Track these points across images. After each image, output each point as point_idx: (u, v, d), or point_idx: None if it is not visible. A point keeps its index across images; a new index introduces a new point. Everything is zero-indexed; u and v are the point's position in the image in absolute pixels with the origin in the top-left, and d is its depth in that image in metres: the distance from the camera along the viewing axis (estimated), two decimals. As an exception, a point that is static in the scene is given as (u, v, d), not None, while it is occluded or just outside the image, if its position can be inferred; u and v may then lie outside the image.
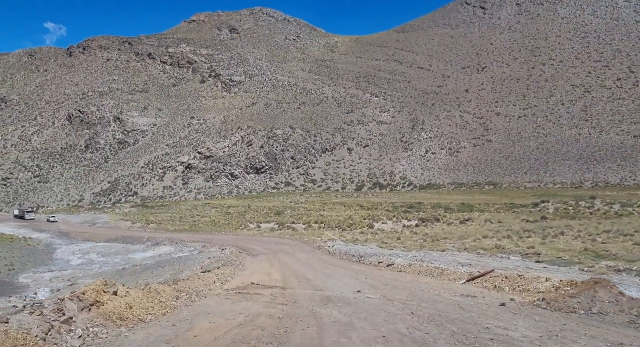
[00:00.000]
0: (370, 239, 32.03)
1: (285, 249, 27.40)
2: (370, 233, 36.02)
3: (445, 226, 38.02)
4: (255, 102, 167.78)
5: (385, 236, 33.49)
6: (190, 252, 32.83)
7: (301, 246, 29.50)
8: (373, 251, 25.88)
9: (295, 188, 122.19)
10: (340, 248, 27.34)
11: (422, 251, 24.59)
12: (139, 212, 79.91)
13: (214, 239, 39.06)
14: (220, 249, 29.40)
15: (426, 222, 39.72)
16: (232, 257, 22.03)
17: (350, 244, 30.22)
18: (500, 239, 26.25)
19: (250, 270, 17.28)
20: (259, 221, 54.46)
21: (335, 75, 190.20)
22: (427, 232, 33.55)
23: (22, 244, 40.95)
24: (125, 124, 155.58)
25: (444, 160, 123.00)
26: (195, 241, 38.28)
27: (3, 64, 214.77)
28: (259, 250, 27.47)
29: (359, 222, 42.59)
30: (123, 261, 33.11)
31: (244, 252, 26.25)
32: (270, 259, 21.99)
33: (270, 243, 32.26)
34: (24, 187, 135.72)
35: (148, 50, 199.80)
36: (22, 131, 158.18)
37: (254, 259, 21.91)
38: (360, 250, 26.56)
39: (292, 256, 23.80)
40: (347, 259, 22.56)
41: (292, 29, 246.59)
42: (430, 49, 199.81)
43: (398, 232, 35.68)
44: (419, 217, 42.59)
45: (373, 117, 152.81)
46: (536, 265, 16.91)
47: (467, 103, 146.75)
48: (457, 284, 14.73)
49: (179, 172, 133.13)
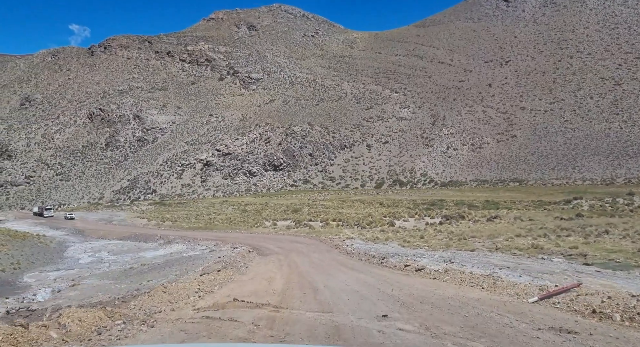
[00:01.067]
0: (392, 238, 29.95)
1: (299, 248, 25.55)
2: (391, 231, 33.91)
3: (472, 224, 35.64)
4: (274, 99, 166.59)
5: (407, 234, 31.35)
6: (202, 250, 31.34)
7: (317, 245, 27.62)
8: (395, 251, 23.83)
9: (313, 186, 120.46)
10: (360, 247, 25.36)
11: (449, 250, 22.43)
12: (156, 210, 79.32)
13: (227, 237, 37.53)
14: (232, 248, 27.75)
15: (450, 220, 37.38)
16: (238, 258, 20.12)
17: (370, 243, 28.22)
18: (536, 238, 23.86)
19: (252, 274, 15.41)
20: (275, 218, 52.84)
21: (354, 72, 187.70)
22: (453, 230, 31.27)
23: (35, 241, 40.16)
24: (144, 122, 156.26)
25: (466, 156, 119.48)
26: (209, 239, 36.83)
27: (28, 64, 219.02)
28: (271, 249, 25.70)
29: (379, 219, 40.49)
30: (133, 260, 31.81)
31: (255, 251, 24.53)
32: (280, 259, 20.09)
33: (285, 242, 30.48)
34: (46, 185, 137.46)
35: (167, 49, 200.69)
36: (45, 130, 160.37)
37: (262, 260, 20.06)
38: (381, 249, 24.54)
39: (305, 256, 21.85)
40: (366, 260, 20.17)
41: (310, 26, 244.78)
42: (452, 44, 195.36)
43: (421, 230, 33.49)
44: (442, 215, 40.25)
45: (393, 113, 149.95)
46: (586, 268, 14.60)
47: (490, 98, 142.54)
48: (526, 303, 10.51)
49: (197, 169, 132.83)
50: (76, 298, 19.71)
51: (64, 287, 22.27)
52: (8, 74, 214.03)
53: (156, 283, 20.43)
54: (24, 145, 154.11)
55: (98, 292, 20.33)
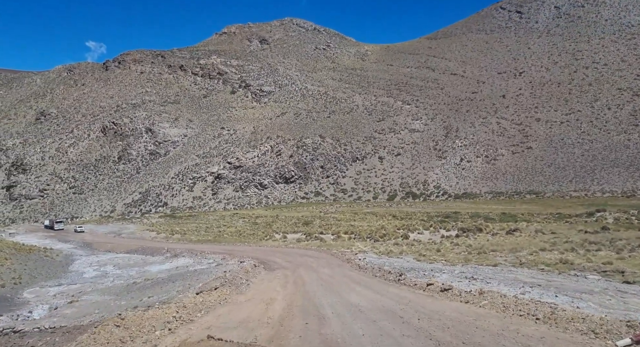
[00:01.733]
0: (406, 251, 28.45)
1: (308, 263, 24.18)
2: (406, 244, 32.40)
3: (490, 237, 33.96)
4: (285, 112, 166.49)
5: (422, 247, 29.82)
6: (208, 265, 30.17)
7: (328, 259, 26.22)
8: (411, 265, 22.37)
9: (325, 198, 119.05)
10: (373, 261, 23.93)
11: (469, 265, 20.92)
12: (166, 223, 78.57)
13: (235, 250, 36.33)
14: (239, 262, 26.49)
15: (467, 233, 35.71)
16: (240, 274, 18.64)
17: (384, 257, 26.77)
18: (563, 252, 22.21)
19: (251, 293, 13.94)
20: (285, 231, 51.57)
21: (366, 84, 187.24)
22: (471, 243, 29.65)
23: (41, 255, 39.40)
24: (156, 135, 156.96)
25: (481, 168, 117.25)
26: (216, 252, 35.66)
27: (44, 80, 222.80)
28: (279, 263, 24.38)
29: (393, 232, 38.95)
30: (138, 274, 30.76)
31: (261, 265, 23.22)
32: (287, 275, 18.69)
33: (294, 255, 29.14)
34: (59, 199, 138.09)
35: (180, 63, 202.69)
36: (59, 143, 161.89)
37: (267, 275, 18.67)
38: (396, 263, 23.09)
39: (314, 271, 20.41)
40: (382, 276, 18.29)
41: (322, 39, 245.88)
42: (464, 55, 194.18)
43: (437, 243, 31.92)
44: (458, 227, 38.57)
45: (405, 125, 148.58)
46: (629, 287, 13.02)
47: (504, 109, 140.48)
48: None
49: (208, 182, 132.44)
50: (71, 316, 18.60)
51: (62, 304, 21.22)
52: (25, 89, 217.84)
53: (155, 300, 19.25)
54: (39, 159, 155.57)
55: (95, 309, 19.21)
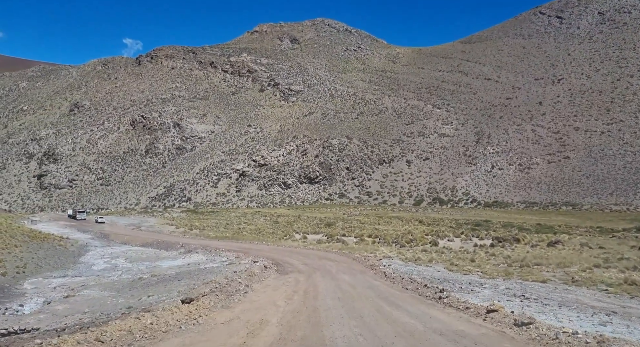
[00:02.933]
0: (436, 259, 25.76)
1: (327, 267, 21.82)
2: (435, 252, 29.68)
3: (529, 249, 30.86)
4: (313, 112, 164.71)
5: (454, 256, 27.06)
6: (220, 263, 28.22)
7: (349, 264, 23.79)
8: (442, 275, 19.76)
9: (349, 200, 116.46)
10: (399, 269, 21.40)
11: (512, 280, 18.17)
12: (187, 218, 77.60)
13: (252, 249, 34.32)
14: (252, 262, 24.36)
15: (503, 243, 32.67)
16: (240, 277, 15.91)
17: (411, 264, 24.19)
18: (624, 270, 19.18)
19: (239, 309, 10.75)
20: (306, 231, 49.39)
21: (395, 86, 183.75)
22: (509, 254, 26.71)
23: (54, 244, 38.32)
24: (184, 130, 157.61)
25: (513, 176, 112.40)
26: (232, 250, 33.73)
27: (80, 73, 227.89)
28: (294, 265, 22.11)
29: (421, 238, 36.20)
30: (147, 269, 29.07)
31: (274, 267, 20.99)
32: (298, 281, 16.22)
33: (313, 257, 26.83)
34: (87, 189, 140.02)
35: (211, 60, 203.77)
36: (90, 135, 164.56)
37: (274, 281, 16.17)
38: (426, 273, 20.51)
39: (332, 278, 17.70)
40: (414, 290, 14.47)
41: (353, 40, 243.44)
42: (499, 60, 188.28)
43: (470, 252, 29.07)
44: (493, 236, 35.50)
45: (435, 129, 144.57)
46: None
47: (540, 116, 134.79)
48: None
49: (233, 179, 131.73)
50: (62, 313, 16.79)
51: (58, 299, 19.51)
52: (61, 81, 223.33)
53: (157, 299, 17.31)
54: (70, 149, 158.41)
55: (88, 307, 17.38)
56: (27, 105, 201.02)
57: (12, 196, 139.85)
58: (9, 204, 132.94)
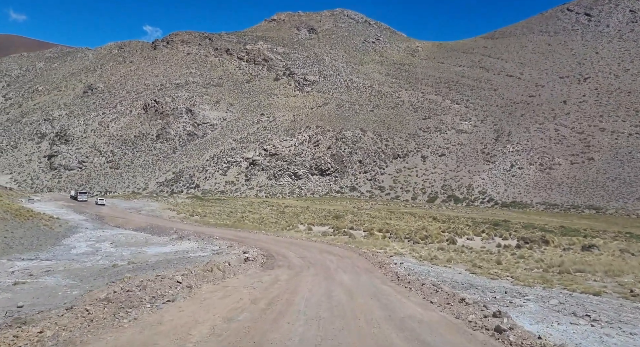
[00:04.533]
0: (455, 259, 22.22)
1: (326, 262, 18.46)
2: (453, 250, 26.11)
3: (561, 252, 27.09)
4: (327, 103, 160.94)
5: (476, 256, 23.45)
6: (211, 251, 25.13)
7: (353, 260, 20.40)
8: (466, 279, 16.28)
9: (360, 194, 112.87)
10: (413, 268, 17.97)
11: (555, 289, 14.61)
12: (191, 204, 74.95)
13: (248, 238, 31.16)
14: (242, 252, 21.12)
15: (531, 244, 28.93)
16: (201, 272, 12.74)
17: (427, 263, 20.75)
18: (695, 284, 15.48)
19: (135, 329, 6.58)
20: (312, 222, 46.11)
21: (413, 80, 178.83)
22: (541, 257, 23.04)
23: (39, 223, 35.64)
24: (196, 116, 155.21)
25: (533, 177, 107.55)
26: (227, 238, 30.66)
27: (96, 55, 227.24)
28: (288, 258, 18.82)
29: (437, 234, 32.61)
30: (130, 255, 26.12)
31: (261, 259, 17.72)
32: (277, 281, 12.51)
33: (313, 250, 23.49)
34: (96, 172, 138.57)
35: (226, 46, 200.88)
36: (102, 117, 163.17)
37: (246, 279, 12.60)
38: (445, 275, 17.03)
39: (327, 277, 13.99)
40: (443, 305, 10.40)
41: (372, 32, 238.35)
42: (523, 57, 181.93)
43: (494, 253, 25.45)
44: (519, 237, 31.75)
45: (452, 125, 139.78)
46: None
47: (564, 116, 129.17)
48: None
49: (242, 168, 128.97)
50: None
51: (4, 286, 16.46)
52: (77, 63, 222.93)
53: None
54: (81, 131, 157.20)
55: (32, 298, 14.29)
56: (42, 86, 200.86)
57: (22, 175, 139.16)
58: (18, 183, 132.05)
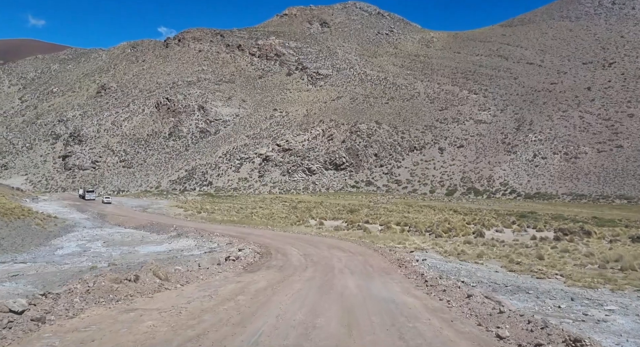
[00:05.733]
0: (487, 254, 18.88)
1: (332, 261, 15.36)
2: (482, 244, 22.74)
3: (607, 244, 23.46)
4: (341, 96, 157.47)
5: (511, 250, 20.09)
6: (209, 249, 22.33)
7: (367, 257, 17.26)
8: (506, 279, 13.03)
9: (376, 188, 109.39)
10: (440, 266, 14.78)
11: (629, 291, 11.24)
12: (200, 201, 72.67)
13: (252, 234, 28.29)
14: (238, 250, 18.19)
15: (571, 236, 25.34)
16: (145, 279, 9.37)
17: (453, 260, 17.52)
18: None
19: None
20: (324, 217, 43.05)
21: (429, 71, 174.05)
22: (589, 251, 19.51)
23: (31, 223, 33.36)
24: (208, 113, 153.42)
25: (558, 166, 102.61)
26: (227, 235, 27.84)
27: (109, 56, 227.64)
28: (288, 256, 15.81)
29: (461, 227, 29.21)
30: (119, 255, 23.51)
31: (249, 258, 14.69)
32: (249, 290, 8.96)
33: (321, 246, 20.41)
34: (109, 171, 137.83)
35: (238, 43, 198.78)
36: (115, 117, 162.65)
37: (202, 289, 9.00)
38: (480, 274, 13.79)
39: (326, 284, 10.24)
40: (518, 341, 6.83)
41: (385, 24, 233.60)
42: (543, 44, 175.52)
43: (530, 246, 21.98)
44: (556, 228, 28.15)
45: (470, 115, 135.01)
46: None
47: (589, 102, 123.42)
48: None
49: (255, 164, 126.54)
50: None
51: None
52: (91, 64, 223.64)
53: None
54: (95, 131, 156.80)
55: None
56: (57, 87, 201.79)
57: (36, 176, 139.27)
58: (33, 184, 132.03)
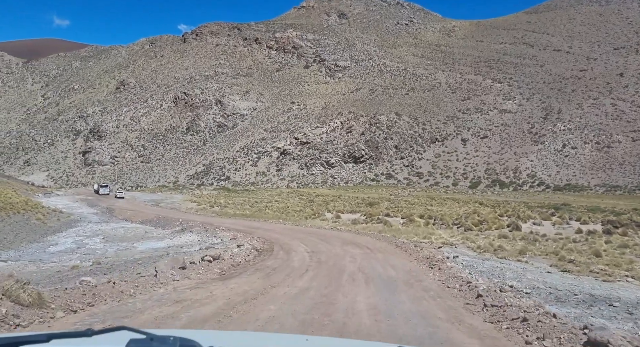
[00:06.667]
0: (532, 250, 15.85)
1: (345, 260, 12.67)
2: (521, 238, 19.69)
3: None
4: (360, 88, 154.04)
5: (558, 246, 17.01)
6: (210, 244, 19.99)
7: (387, 254, 14.51)
8: (566, 283, 10.20)
9: (397, 181, 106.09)
10: (477, 265, 11.97)
11: None
12: (216, 195, 70.88)
13: (260, 228, 25.88)
14: (237, 246, 15.70)
15: (623, 229, 22.05)
16: None
17: (491, 257, 14.70)
18: None
19: None
20: (341, 210, 40.38)
21: (450, 61, 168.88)
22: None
23: (31, 217, 31.71)
24: (226, 107, 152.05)
25: (589, 156, 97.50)
26: (235, 229, 25.45)
27: (129, 52, 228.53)
28: (290, 254, 13.24)
29: (493, 219, 26.11)
30: (115, 252, 21.45)
31: (240, 256, 12.14)
32: (189, 321, 5.93)
33: (334, 242, 17.76)
34: (128, 167, 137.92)
35: (255, 36, 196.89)
36: (133, 112, 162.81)
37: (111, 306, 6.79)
38: (531, 276, 10.96)
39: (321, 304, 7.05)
40: None
41: (405, 14, 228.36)
42: (571, 30, 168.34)
43: (578, 241, 18.83)
44: (603, 220, 24.85)
45: (494, 105, 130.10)
46: None
47: (621, 89, 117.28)
48: None
49: (273, 158, 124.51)
50: None
51: None
52: (111, 60, 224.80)
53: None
54: (114, 126, 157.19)
55: None
56: (78, 84, 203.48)
57: (57, 172, 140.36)
58: (54, 180, 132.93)
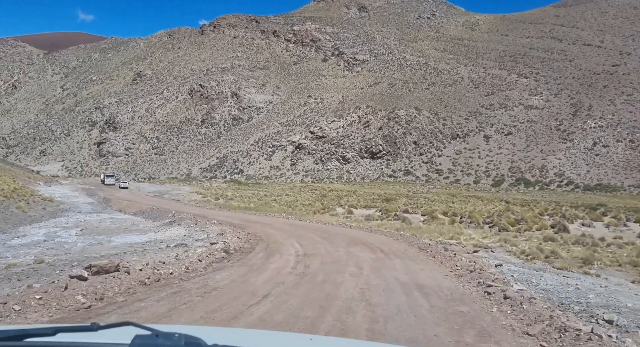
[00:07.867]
0: (600, 260, 11.81)
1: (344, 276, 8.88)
2: (574, 242, 15.69)
3: None
4: (379, 82, 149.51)
5: (631, 254, 12.99)
6: (196, 240, 16.62)
7: (408, 262, 10.81)
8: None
9: (415, 178, 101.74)
10: (534, 279, 8.19)
11: None
12: (226, 188, 67.91)
13: (258, 223, 22.47)
14: (210, 244, 12.21)
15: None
16: None
17: (545, 267, 11.01)
18: None
19: None
20: (354, 205, 36.68)
21: (473, 55, 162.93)
22: None
23: (12, 205, 28.86)
24: (242, 100, 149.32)
25: (622, 155, 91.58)
26: (229, 223, 22.07)
27: (147, 44, 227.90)
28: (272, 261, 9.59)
29: (532, 218, 22.05)
30: (85, 247, 18.26)
31: (202, 261, 8.65)
32: None
33: (339, 242, 14.14)
34: (142, 158, 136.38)
35: (273, 28, 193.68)
36: (149, 104, 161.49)
37: None
38: (630, 303, 6.86)
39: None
40: None
41: (427, 7, 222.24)
42: (603, 23, 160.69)
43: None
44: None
45: (520, 100, 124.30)
46: None
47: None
48: None
49: (288, 152, 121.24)
50: None
51: None
52: (129, 52, 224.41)
53: None
54: (129, 118, 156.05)
55: None
56: (96, 76, 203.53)
57: (72, 162, 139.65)
58: (69, 170, 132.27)
